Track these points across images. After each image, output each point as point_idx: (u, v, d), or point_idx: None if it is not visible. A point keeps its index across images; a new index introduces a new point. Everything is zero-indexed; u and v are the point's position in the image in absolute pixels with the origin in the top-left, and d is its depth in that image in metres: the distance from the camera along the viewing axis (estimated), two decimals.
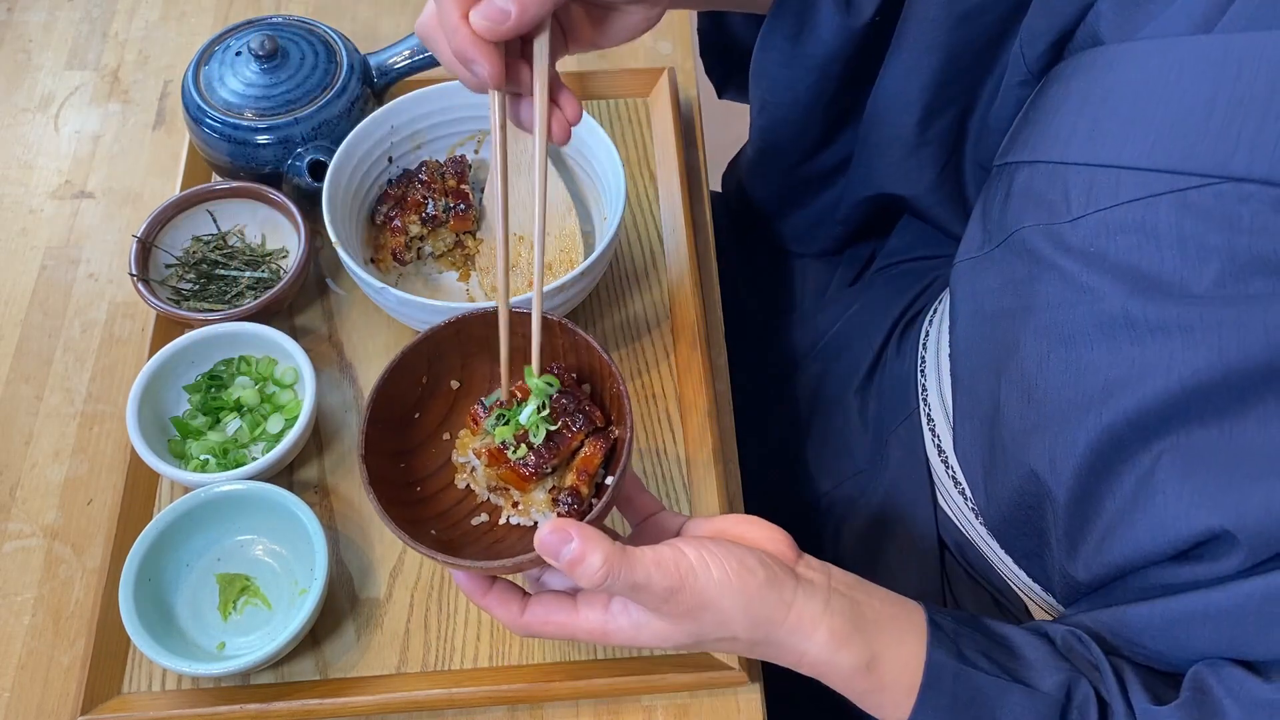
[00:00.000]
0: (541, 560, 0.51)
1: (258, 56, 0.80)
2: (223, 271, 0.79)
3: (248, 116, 0.79)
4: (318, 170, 0.79)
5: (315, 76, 0.81)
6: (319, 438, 0.75)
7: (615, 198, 0.75)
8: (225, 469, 0.70)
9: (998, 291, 0.63)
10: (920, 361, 0.79)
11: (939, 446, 0.74)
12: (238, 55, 0.81)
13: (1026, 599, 0.70)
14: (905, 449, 0.77)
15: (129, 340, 0.81)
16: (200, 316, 0.75)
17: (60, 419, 0.77)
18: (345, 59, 0.83)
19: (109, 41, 0.99)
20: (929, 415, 0.75)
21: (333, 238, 0.72)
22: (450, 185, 0.80)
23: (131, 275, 0.76)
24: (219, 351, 0.75)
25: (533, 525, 0.59)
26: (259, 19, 0.85)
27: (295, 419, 0.71)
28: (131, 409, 0.70)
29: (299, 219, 0.78)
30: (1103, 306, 0.54)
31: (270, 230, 0.82)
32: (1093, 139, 0.56)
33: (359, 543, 0.71)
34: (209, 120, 0.80)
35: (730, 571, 0.51)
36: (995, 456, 0.64)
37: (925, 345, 0.79)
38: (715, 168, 0.96)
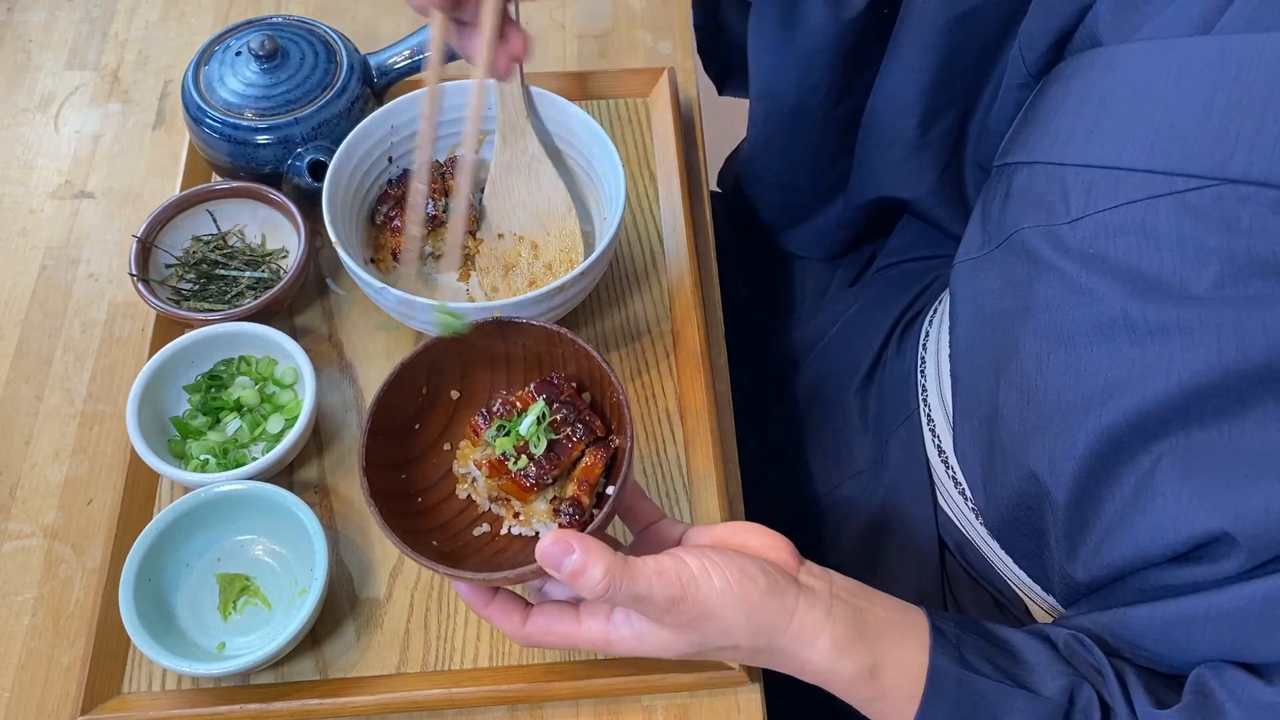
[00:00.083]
0: (543, 571, 0.51)
1: (258, 56, 0.80)
2: (223, 271, 0.79)
3: (248, 116, 0.79)
4: (318, 170, 0.79)
5: (315, 76, 0.81)
6: (319, 438, 0.75)
7: (615, 198, 0.75)
8: (225, 469, 0.70)
9: (997, 292, 0.63)
10: (920, 362, 0.79)
11: (939, 447, 0.74)
12: (238, 55, 0.81)
13: (1026, 599, 0.70)
14: (905, 449, 0.77)
15: (129, 340, 0.81)
16: (200, 316, 0.75)
17: (60, 419, 0.77)
18: (345, 59, 0.83)
19: (109, 41, 0.99)
20: (929, 415, 0.75)
21: (333, 238, 0.72)
22: (450, 185, 0.80)
23: (131, 275, 0.76)
24: (219, 351, 0.75)
25: (534, 535, 0.59)
26: (259, 19, 0.85)
27: (295, 419, 0.71)
28: (131, 409, 0.70)
29: (299, 219, 0.78)
30: (1102, 308, 0.54)
31: (270, 230, 0.82)
32: (1091, 140, 0.56)
33: (359, 543, 0.71)
34: (209, 120, 0.80)
35: (732, 580, 0.51)
36: (995, 457, 0.64)
37: (925, 346, 0.79)
38: (715, 167, 0.96)
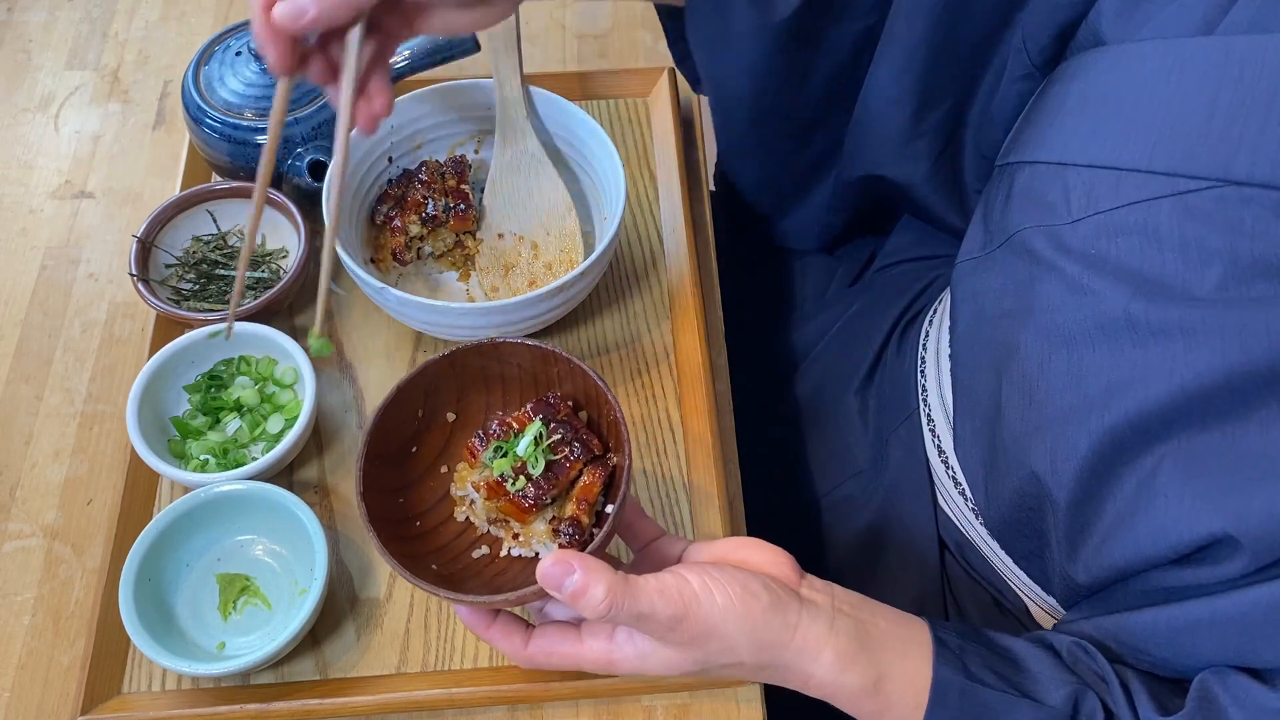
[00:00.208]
0: (545, 592, 0.50)
1: (257, 56, 0.79)
2: (223, 271, 0.79)
3: (248, 116, 0.79)
4: (318, 170, 0.79)
5: None
6: (319, 438, 0.75)
7: (615, 198, 0.75)
8: (225, 469, 0.70)
9: (998, 293, 0.63)
10: (920, 362, 0.79)
11: (939, 447, 0.74)
12: (238, 55, 0.81)
13: (1027, 600, 0.70)
14: (905, 449, 0.77)
15: (129, 340, 0.81)
16: (200, 316, 0.75)
17: (60, 419, 0.77)
18: None
19: (109, 41, 0.99)
20: (929, 415, 0.75)
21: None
22: (450, 185, 0.80)
23: (131, 275, 0.76)
24: (219, 351, 0.75)
25: (534, 556, 0.59)
26: None
27: (295, 419, 0.71)
28: (131, 409, 0.70)
29: (299, 219, 0.78)
30: (1104, 308, 0.54)
31: (270, 230, 0.82)
32: (1093, 140, 0.56)
33: (359, 543, 0.71)
34: (209, 120, 0.80)
35: (734, 597, 0.51)
36: (995, 458, 0.64)
37: (925, 345, 0.79)
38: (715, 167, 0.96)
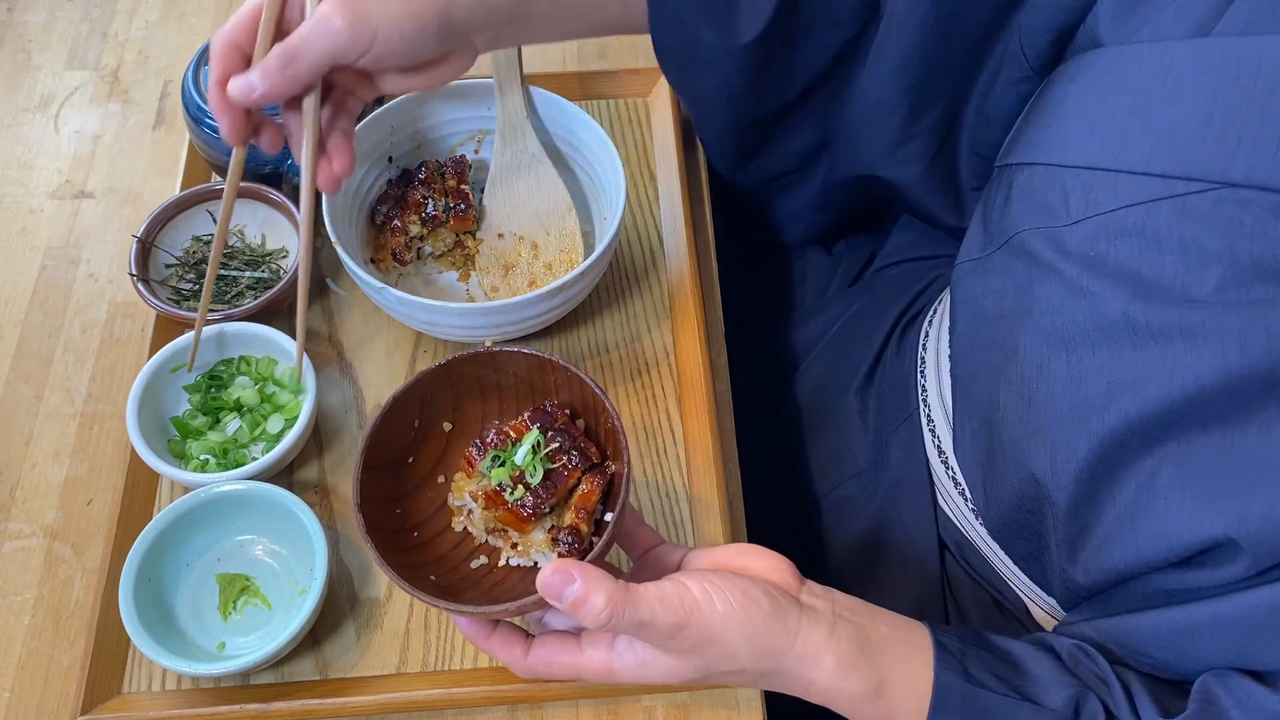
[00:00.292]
0: (544, 602, 0.50)
1: None
2: (223, 271, 0.79)
3: None
4: None
5: None
6: (319, 438, 0.75)
7: (615, 198, 0.75)
8: (225, 469, 0.70)
9: (998, 294, 0.63)
10: (920, 362, 0.79)
11: (939, 447, 0.74)
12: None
13: (1027, 600, 0.70)
14: (905, 449, 0.77)
15: (129, 340, 0.81)
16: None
17: (60, 419, 0.77)
18: None
19: (109, 41, 0.99)
20: (929, 416, 0.75)
21: (333, 238, 0.72)
22: (450, 185, 0.80)
23: (131, 275, 0.76)
24: (219, 351, 0.75)
25: (533, 566, 0.59)
26: None
27: (295, 419, 0.71)
28: (131, 409, 0.70)
29: (299, 219, 0.78)
30: (1103, 311, 0.54)
31: (270, 230, 0.82)
32: (1091, 142, 0.56)
33: (359, 543, 0.71)
34: (209, 120, 0.79)
35: (735, 604, 0.51)
36: (995, 459, 0.64)
37: (925, 346, 0.79)
38: None
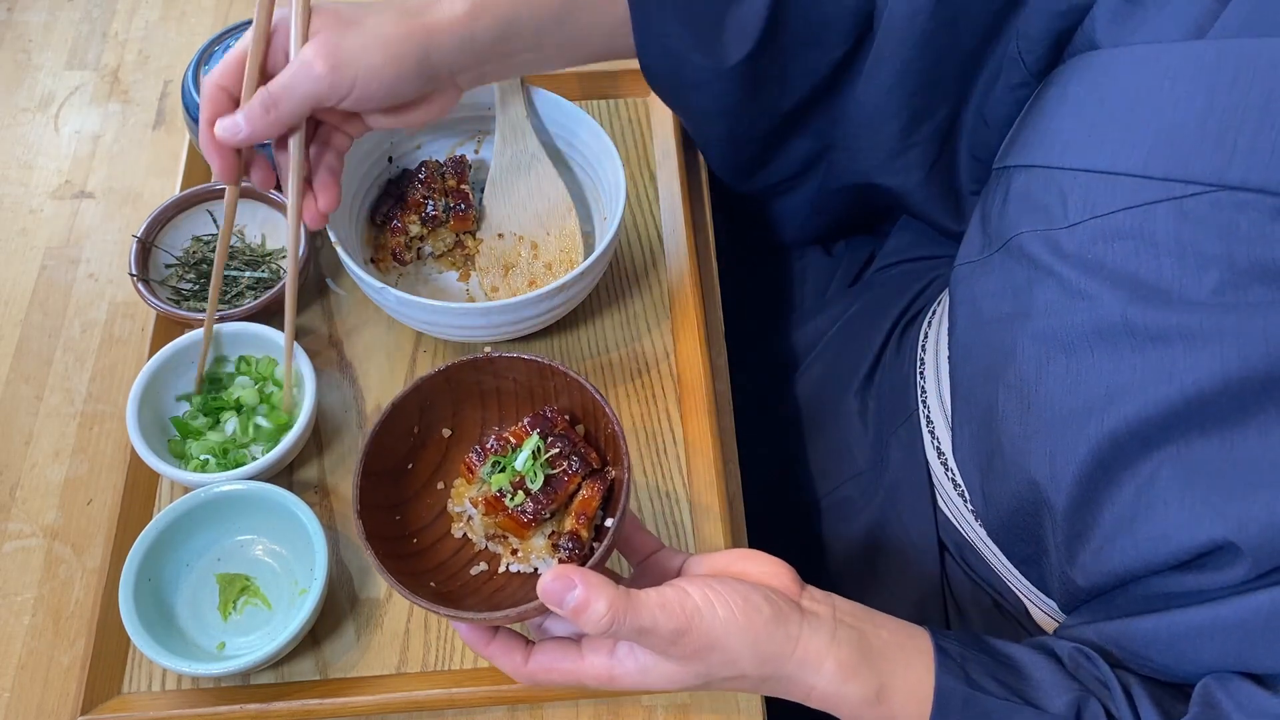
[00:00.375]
0: (545, 608, 0.50)
1: None
2: (223, 272, 0.79)
3: None
4: None
5: None
6: (319, 438, 0.75)
7: (615, 198, 0.75)
8: (225, 469, 0.70)
9: (996, 296, 0.63)
10: (920, 363, 0.79)
11: (938, 449, 0.74)
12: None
13: (1027, 602, 0.70)
14: (905, 450, 0.77)
15: (129, 340, 0.81)
16: (200, 316, 0.74)
17: (60, 419, 0.77)
18: None
19: (109, 41, 0.99)
20: (928, 417, 0.75)
21: (333, 238, 0.72)
22: (450, 185, 0.80)
23: (131, 275, 0.76)
24: (218, 351, 0.75)
25: (533, 572, 0.59)
26: None
27: (295, 419, 0.71)
28: (131, 409, 0.70)
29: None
30: (1102, 313, 0.54)
31: (270, 230, 0.82)
32: (1088, 144, 0.56)
33: (359, 543, 0.71)
34: None
35: (736, 610, 0.51)
36: (993, 462, 0.64)
37: (924, 347, 0.79)
38: None
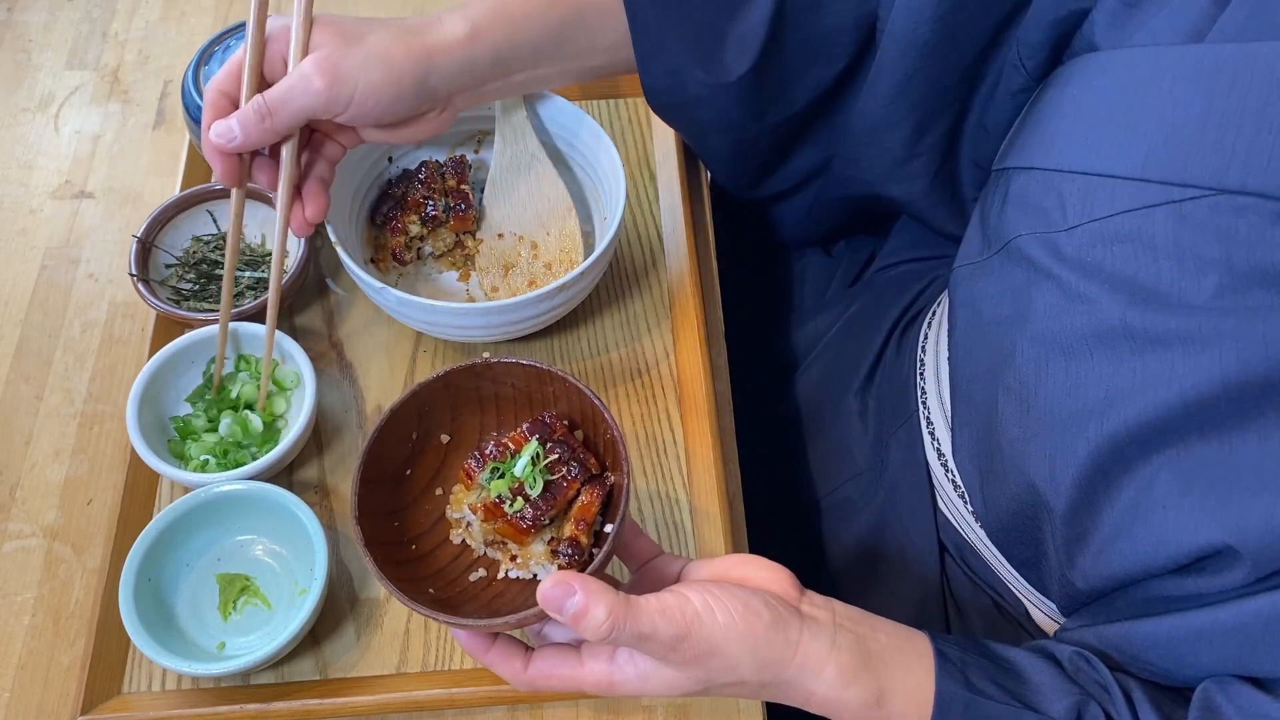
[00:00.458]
0: (545, 614, 0.50)
1: None
2: (223, 271, 0.79)
3: None
4: None
5: None
6: (319, 438, 0.75)
7: (615, 198, 0.75)
8: (225, 469, 0.70)
9: (995, 298, 0.63)
10: (919, 364, 0.79)
11: (939, 450, 0.73)
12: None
13: (1027, 603, 0.70)
14: (905, 451, 0.77)
15: (129, 340, 0.81)
16: (200, 316, 0.75)
17: (60, 419, 0.77)
18: None
19: (109, 41, 0.99)
20: (928, 418, 0.75)
21: (333, 238, 0.72)
22: (450, 185, 0.80)
23: (131, 275, 0.76)
24: (218, 351, 0.75)
25: (532, 578, 0.59)
26: None
27: (296, 419, 0.71)
28: (131, 409, 0.70)
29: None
30: (1101, 316, 0.54)
31: (270, 230, 0.82)
32: (1087, 147, 0.55)
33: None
34: None
35: (736, 615, 0.51)
36: (993, 464, 0.64)
37: (924, 348, 0.79)
38: None
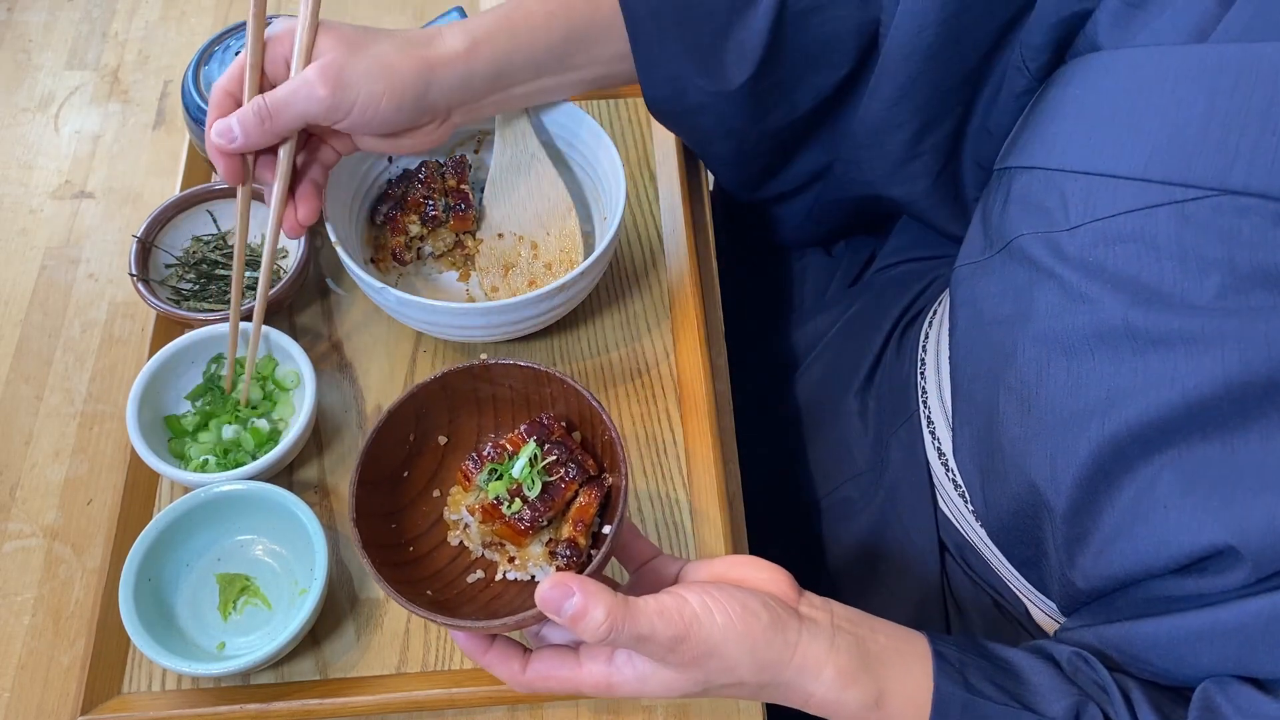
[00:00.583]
0: (543, 616, 0.50)
1: None
2: (223, 271, 0.79)
3: None
4: None
5: None
6: (319, 438, 0.75)
7: (615, 198, 0.75)
8: (225, 469, 0.70)
9: (997, 298, 0.63)
10: (920, 364, 0.79)
11: (939, 449, 0.73)
12: (237, 55, 0.81)
13: (1027, 603, 0.70)
14: (905, 451, 0.77)
15: (129, 340, 0.81)
16: (200, 316, 0.75)
17: (60, 419, 0.77)
18: None
19: (109, 41, 0.99)
20: (929, 418, 0.75)
21: (333, 238, 0.72)
22: (450, 185, 0.80)
23: (131, 275, 0.76)
24: (218, 351, 0.75)
25: (530, 580, 0.59)
26: None
27: (295, 419, 0.71)
28: (131, 409, 0.70)
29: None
30: (1103, 316, 0.54)
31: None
32: (1089, 147, 0.55)
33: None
34: None
35: (734, 616, 0.51)
36: (994, 464, 0.64)
37: (925, 347, 0.79)
38: None
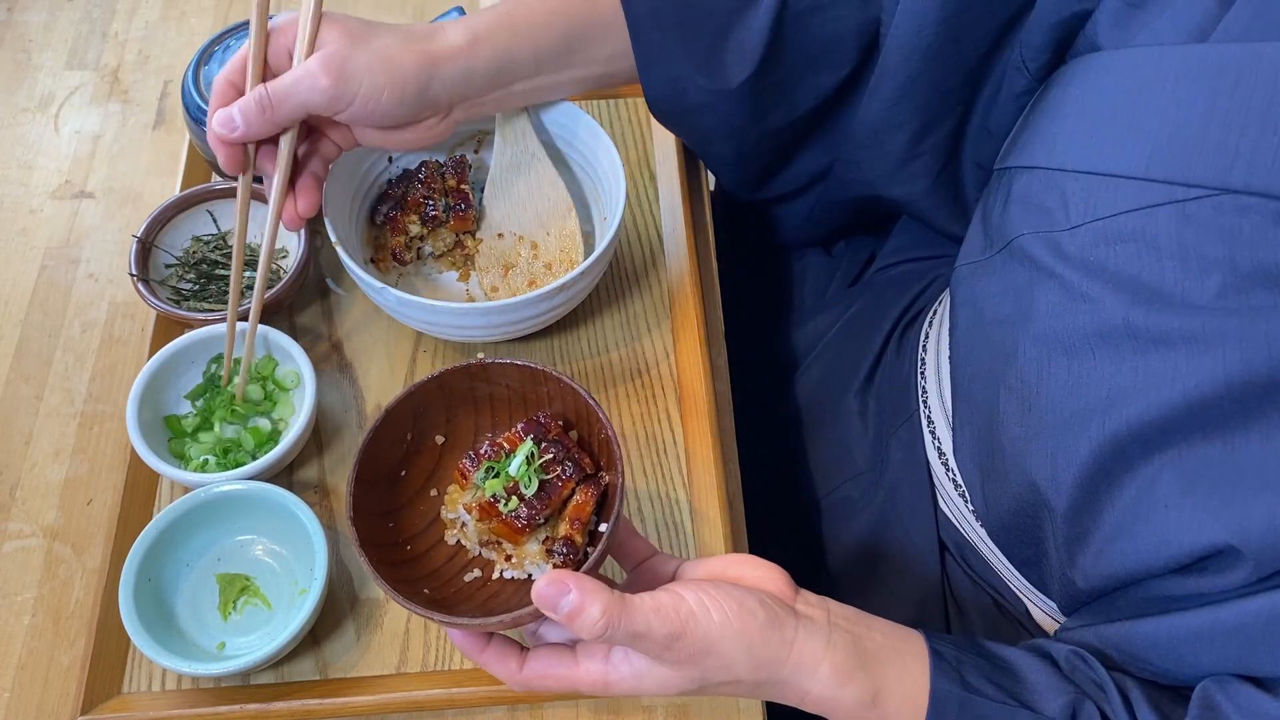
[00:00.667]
0: (540, 613, 0.50)
1: None
2: (223, 271, 0.79)
3: None
4: None
5: None
6: (319, 438, 0.75)
7: (615, 198, 0.75)
8: (225, 469, 0.70)
9: (997, 297, 0.63)
10: (920, 363, 0.79)
11: (939, 449, 0.74)
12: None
13: (1028, 602, 0.70)
14: (906, 450, 0.77)
15: (129, 340, 0.81)
16: (200, 316, 0.75)
17: (60, 419, 0.77)
18: None
19: (109, 41, 0.99)
20: (929, 417, 0.75)
21: (333, 238, 0.72)
22: (450, 185, 0.80)
23: (131, 275, 0.76)
24: (219, 351, 0.75)
25: (527, 578, 0.59)
26: None
27: (295, 419, 0.71)
28: (131, 409, 0.70)
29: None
30: (1104, 316, 0.54)
31: None
32: (1090, 146, 0.55)
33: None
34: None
35: (731, 614, 0.51)
36: (994, 463, 0.64)
37: (925, 347, 0.79)
38: None
